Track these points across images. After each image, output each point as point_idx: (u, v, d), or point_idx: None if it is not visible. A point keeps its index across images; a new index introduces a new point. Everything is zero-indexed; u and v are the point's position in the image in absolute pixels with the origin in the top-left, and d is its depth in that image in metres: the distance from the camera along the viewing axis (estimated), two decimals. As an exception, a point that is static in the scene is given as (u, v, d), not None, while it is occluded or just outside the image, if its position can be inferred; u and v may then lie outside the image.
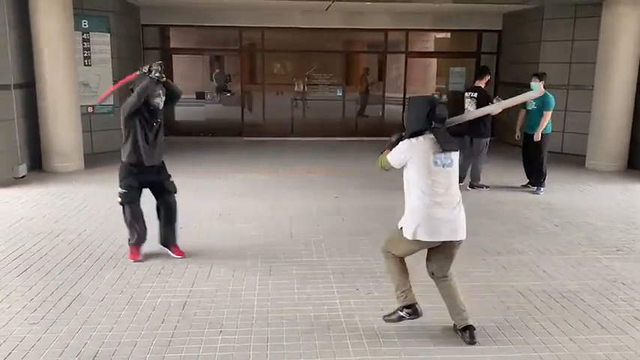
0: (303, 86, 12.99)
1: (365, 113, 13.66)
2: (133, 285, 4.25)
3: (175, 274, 4.47)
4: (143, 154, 4.54)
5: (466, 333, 3.43)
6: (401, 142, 3.39)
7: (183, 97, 14.35)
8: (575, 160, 9.79)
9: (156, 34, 12.54)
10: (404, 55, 12.77)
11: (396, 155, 3.38)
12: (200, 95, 12.98)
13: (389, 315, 3.64)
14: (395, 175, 3.69)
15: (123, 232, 4.95)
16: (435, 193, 3.26)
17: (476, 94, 7.49)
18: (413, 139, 3.33)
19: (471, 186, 7.64)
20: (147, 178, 4.69)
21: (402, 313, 3.52)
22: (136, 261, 4.71)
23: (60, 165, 8.42)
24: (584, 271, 4.71)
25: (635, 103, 9.20)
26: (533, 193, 7.47)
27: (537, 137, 7.30)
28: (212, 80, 13.57)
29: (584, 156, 9.54)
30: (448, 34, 13.69)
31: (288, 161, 9.74)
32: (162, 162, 4.81)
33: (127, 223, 4.75)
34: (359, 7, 11.36)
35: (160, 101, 4.56)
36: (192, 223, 5.82)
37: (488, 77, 7.63)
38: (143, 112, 4.51)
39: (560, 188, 7.79)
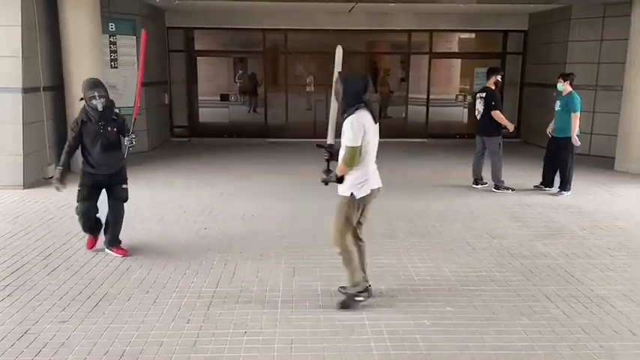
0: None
1: (388, 114, 13.60)
2: (159, 285, 4.31)
3: (200, 274, 4.52)
4: None
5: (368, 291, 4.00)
6: (349, 122, 3.65)
7: (208, 98, 14.36)
8: (604, 162, 9.60)
9: (181, 37, 12.69)
10: (427, 56, 12.68)
11: (358, 136, 3.63)
12: (224, 97, 13.09)
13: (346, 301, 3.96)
14: (418, 177, 3.65)
15: (147, 233, 4.98)
16: (374, 154, 3.85)
17: (484, 94, 7.54)
18: (358, 116, 3.64)
19: (497, 187, 7.55)
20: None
21: (360, 297, 3.92)
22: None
23: (87, 166, 8.54)
24: (613, 276, 4.60)
25: (667, 104, 8.98)
26: (554, 195, 7.35)
27: (575, 141, 7.18)
28: (236, 82, 13.68)
29: (614, 158, 9.36)
30: (473, 35, 13.56)
31: (310, 163, 9.72)
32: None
33: None
34: (383, 8, 11.33)
35: (96, 102, 4.87)
36: (215, 224, 5.91)
37: (495, 78, 7.57)
38: None
39: (588, 191, 7.64)
